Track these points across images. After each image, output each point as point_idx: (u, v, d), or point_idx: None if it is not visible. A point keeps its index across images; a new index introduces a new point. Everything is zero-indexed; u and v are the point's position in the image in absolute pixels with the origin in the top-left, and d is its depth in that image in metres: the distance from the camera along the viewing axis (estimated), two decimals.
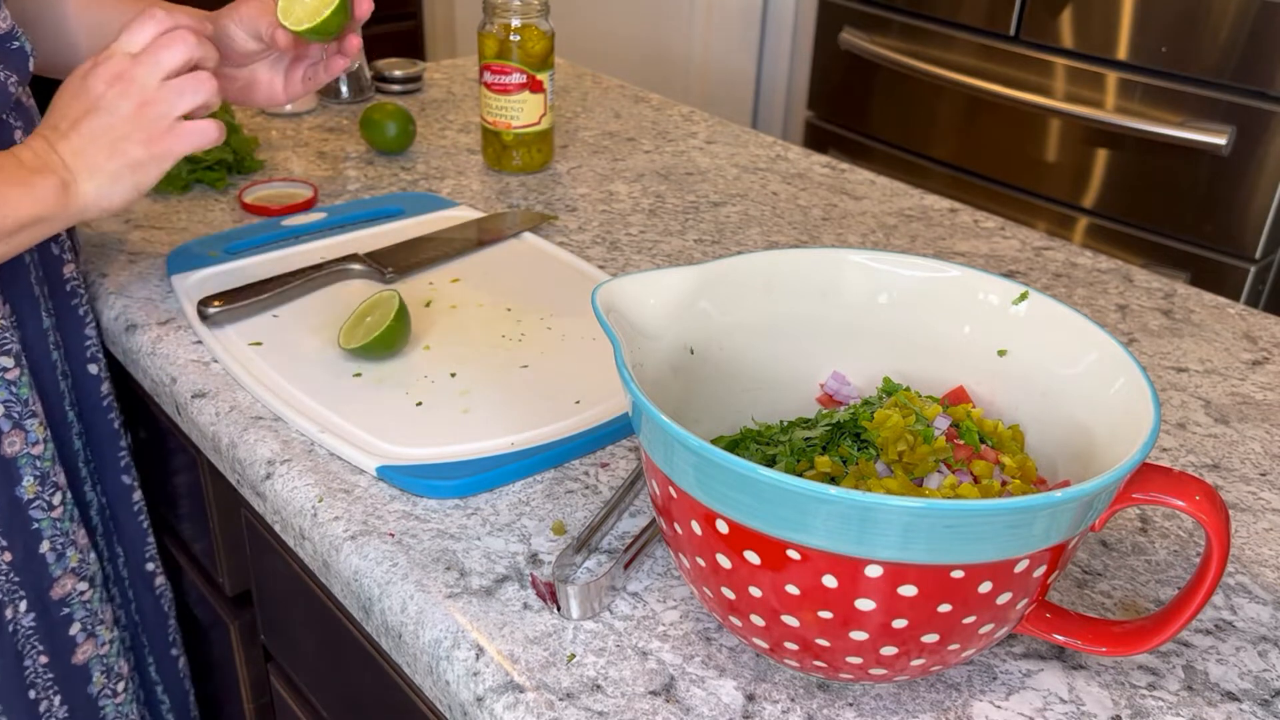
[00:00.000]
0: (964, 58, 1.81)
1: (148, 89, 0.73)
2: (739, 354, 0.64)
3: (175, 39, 0.73)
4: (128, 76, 0.72)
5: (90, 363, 0.89)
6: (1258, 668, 0.58)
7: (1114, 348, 0.56)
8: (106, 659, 0.89)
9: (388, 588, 0.61)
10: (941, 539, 0.44)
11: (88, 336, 0.88)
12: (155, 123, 0.73)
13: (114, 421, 0.92)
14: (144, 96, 0.73)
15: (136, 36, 0.73)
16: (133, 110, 0.72)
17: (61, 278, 0.86)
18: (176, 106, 0.73)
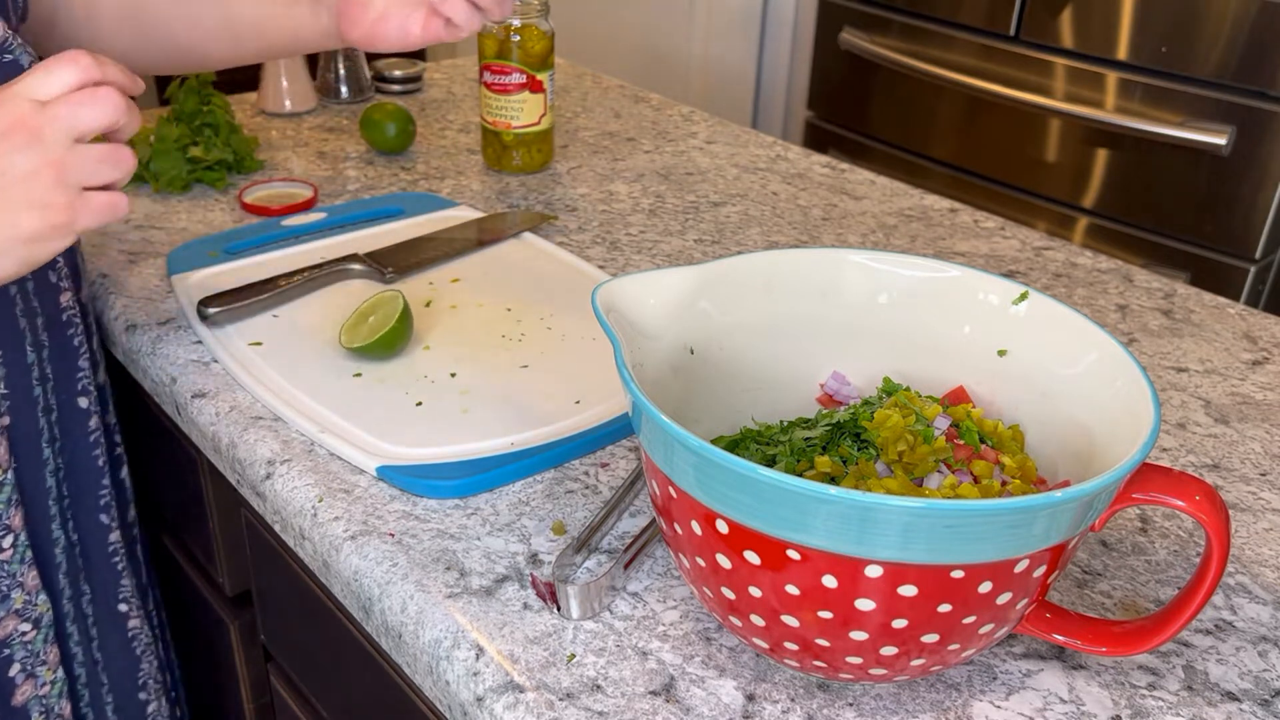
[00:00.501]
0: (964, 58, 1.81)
1: (55, 149, 0.59)
2: (739, 354, 0.64)
3: (101, 97, 0.61)
4: (32, 129, 0.59)
5: (81, 396, 0.83)
6: (1258, 668, 0.58)
7: (1114, 348, 0.56)
8: (46, 700, 0.83)
9: (388, 588, 0.61)
10: (941, 539, 0.44)
11: (80, 369, 0.82)
12: (58, 191, 0.60)
13: (98, 459, 0.85)
14: (50, 157, 0.59)
15: (51, 81, 0.60)
16: (32, 171, 0.59)
17: (57, 306, 0.80)
18: (88, 178, 0.61)
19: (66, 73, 0.60)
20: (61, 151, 0.60)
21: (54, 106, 0.60)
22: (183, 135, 1.08)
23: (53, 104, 0.60)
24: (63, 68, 0.60)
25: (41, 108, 0.59)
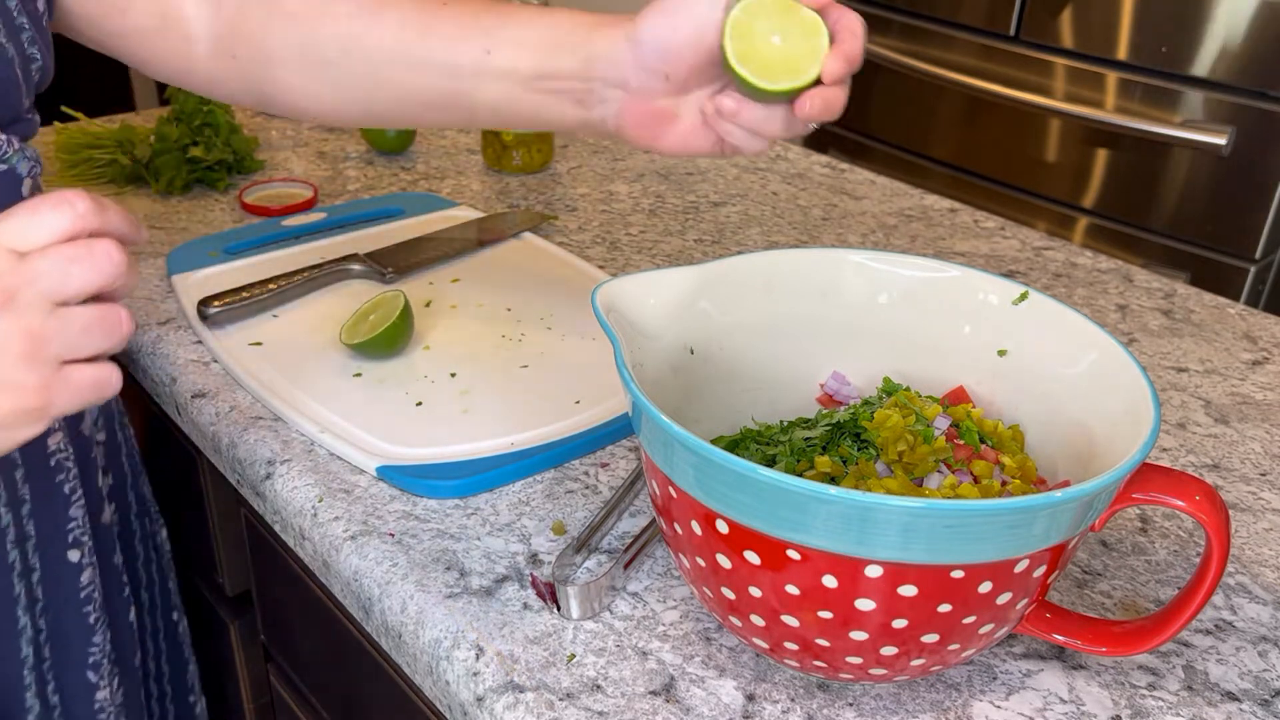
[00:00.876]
0: (964, 58, 1.81)
1: (32, 315, 0.47)
2: (739, 354, 0.64)
3: (97, 253, 0.48)
4: (5, 289, 0.47)
5: (71, 549, 0.72)
6: (1258, 668, 0.58)
7: (1114, 348, 0.56)
8: None
9: (388, 588, 0.61)
10: (941, 539, 0.44)
11: (71, 519, 0.71)
12: (31, 369, 0.48)
13: (90, 615, 0.75)
14: (24, 325, 0.47)
15: (37, 227, 0.48)
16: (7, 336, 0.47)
17: (43, 452, 0.69)
18: (70, 350, 0.49)
19: (57, 219, 0.48)
20: (40, 318, 0.47)
21: (36, 261, 0.47)
22: (183, 135, 1.08)
23: (35, 258, 0.47)
24: (53, 212, 0.48)
25: (20, 262, 0.47)
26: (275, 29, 0.68)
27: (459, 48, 0.66)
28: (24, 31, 0.62)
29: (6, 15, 0.60)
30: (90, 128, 1.12)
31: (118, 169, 1.08)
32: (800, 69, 0.58)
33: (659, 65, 0.61)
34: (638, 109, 0.64)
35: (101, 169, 1.08)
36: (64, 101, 1.16)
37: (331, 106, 0.71)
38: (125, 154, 1.08)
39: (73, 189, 0.49)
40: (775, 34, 0.58)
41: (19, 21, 0.62)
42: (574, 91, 0.65)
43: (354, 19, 0.67)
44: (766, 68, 0.58)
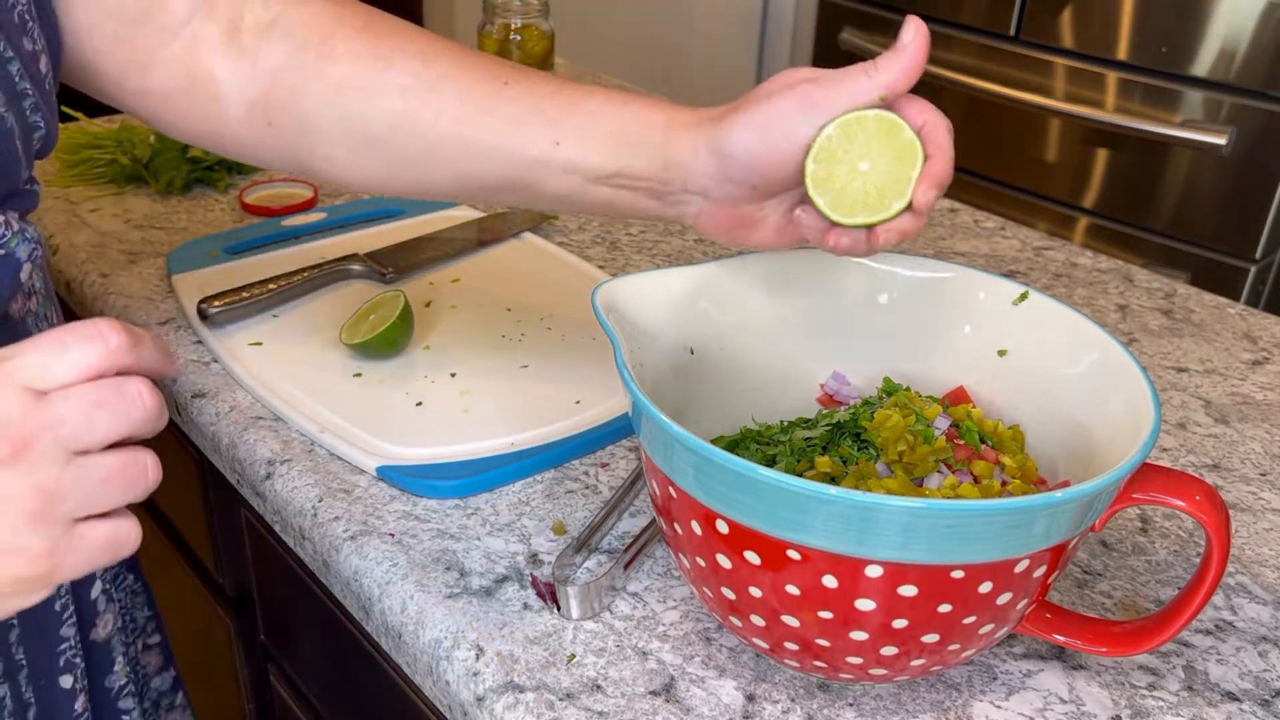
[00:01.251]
0: (964, 58, 1.81)
1: (46, 469, 0.41)
2: (739, 354, 0.64)
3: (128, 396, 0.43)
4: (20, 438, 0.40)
5: (64, 674, 0.64)
6: (1258, 668, 0.58)
7: (1114, 348, 0.56)
8: None
9: (388, 588, 0.61)
10: (941, 539, 0.44)
11: (63, 639, 0.64)
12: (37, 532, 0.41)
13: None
14: (37, 481, 0.41)
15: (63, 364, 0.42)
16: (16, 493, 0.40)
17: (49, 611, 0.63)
18: (88, 506, 0.43)
19: (85, 354, 0.42)
20: (54, 472, 0.41)
21: (58, 405, 0.41)
22: None
23: (57, 400, 0.41)
24: (81, 346, 0.42)
25: (40, 404, 0.41)
26: (316, 97, 0.62)
27: (523, 134, 0.60)
28: (27, 98, 0.55)
29: (8, 82, 0.53)
30: (90, 128, 1.12)
31: (118, 169, 1.08)
32: (882, 202, 0.55)
33: (746, 178, 0.57)
34: (720, 215, 0.60)
35: (101, 169, 1.08)
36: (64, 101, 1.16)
37: (379, 182, 0.65)
38: (125, 154, 1.07)
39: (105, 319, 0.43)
40: (865, 159, 0.54)
41: (21, 87, 0.55)
42: (650, 191, 0.60)
43: (408, 93, 0.61)
44: (844, 197, 0.55)
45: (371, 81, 0.62)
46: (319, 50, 0.62)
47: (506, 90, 0.61)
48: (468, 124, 0.61)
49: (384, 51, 0.62)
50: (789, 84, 0.56)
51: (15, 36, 0.54)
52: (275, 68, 0.63)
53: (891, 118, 0.54)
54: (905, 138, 0.54)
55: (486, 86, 0.61)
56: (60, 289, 0.96)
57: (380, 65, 0.62)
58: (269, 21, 0.63)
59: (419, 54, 0.62)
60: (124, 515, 0.44)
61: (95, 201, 1.04)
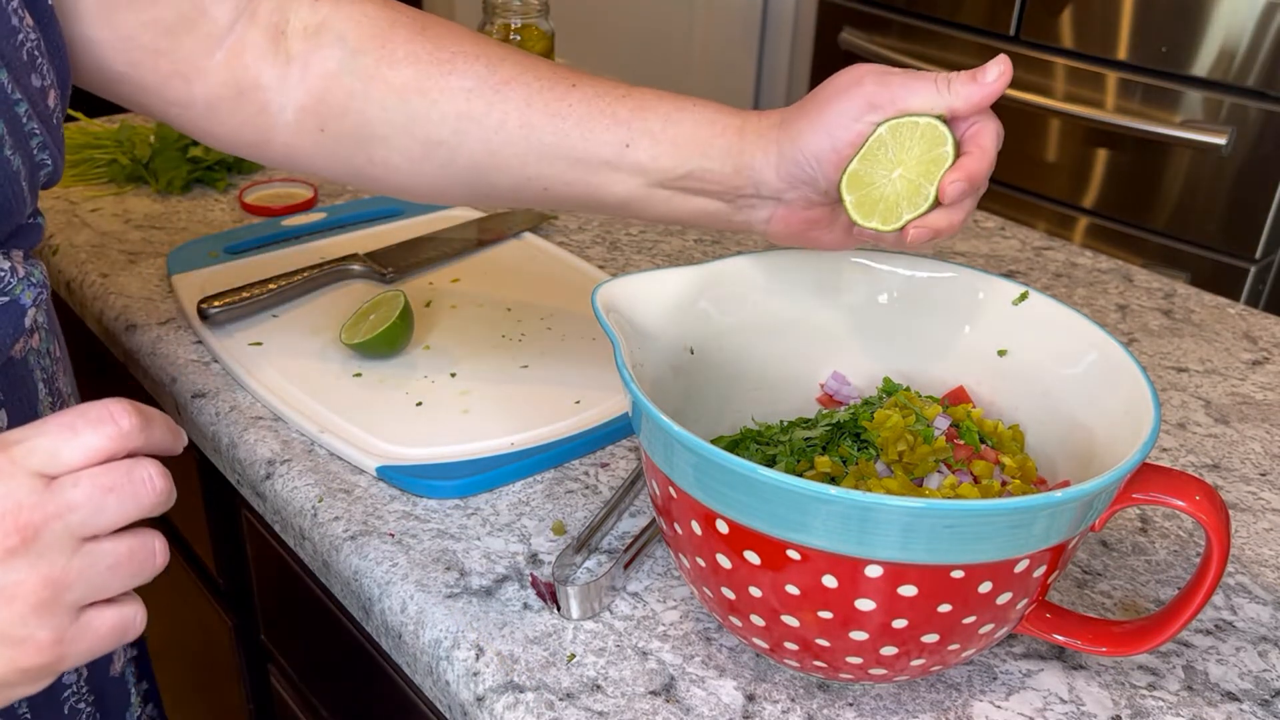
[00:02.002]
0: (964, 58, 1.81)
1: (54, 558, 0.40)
2: (739, 354, 0.64)
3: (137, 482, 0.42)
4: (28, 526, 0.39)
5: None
6: (1258, 668, 0.58)
7: (1114, 348, 0.56)
8: None
9: (388, 588, 0.61)
10: (941, 539, 0.44)
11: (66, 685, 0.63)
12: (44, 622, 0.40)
13: None
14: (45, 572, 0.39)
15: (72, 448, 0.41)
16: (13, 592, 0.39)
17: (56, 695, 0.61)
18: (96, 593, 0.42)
19: (96, 438, 0.41)
20: (63, 561, 0.40)
21: (67, 491, 0.40)
22: (183, 135, 1.08)
23: (66, 486, 0.40)
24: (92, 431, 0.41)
25: (49, 491, 0.40)
26: (378, 102, 0.61)
27: (593, 136, 0.59)
28: (34, 138, 0.54)
29: (15, 124, 0.52)
30: (90, 128, 1.12)
31: (118, 169, 1.08)
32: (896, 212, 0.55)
33: (814, 175, 0.57)
34: (793, 218, 0.60)
35: (101, 169, 1.08)
36: None
37: (438, 188, 0.64)
38: (125, 154, 1.08)
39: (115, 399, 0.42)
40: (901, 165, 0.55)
41: (29, 128, 0.53)
42: (718, 195, 0.60)
43: (473, 97, 0.60)
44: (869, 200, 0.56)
45: (435, 85, 0.60)
46: (378, 54, 0.61)
47: (575, 93, 0.60)
48: (536, 127, 0.59)
49: (445, 55, 0.61)
50: (856, 80, 0.56)
51: (24, 75, 0.52)
52: (329, 73, 0.61)
53: (940, 129, 0.55)
54: (942, 151, 0.55)
55: (554, 90, 0.60)
56: (60, 289, 0.96)
57: (443, 69, 0.60)
58: (317, 25, 0.61)
59: (481, 56, 0.61)
60: (130, 599, 0.43)
61: (95, 201, 1.04)
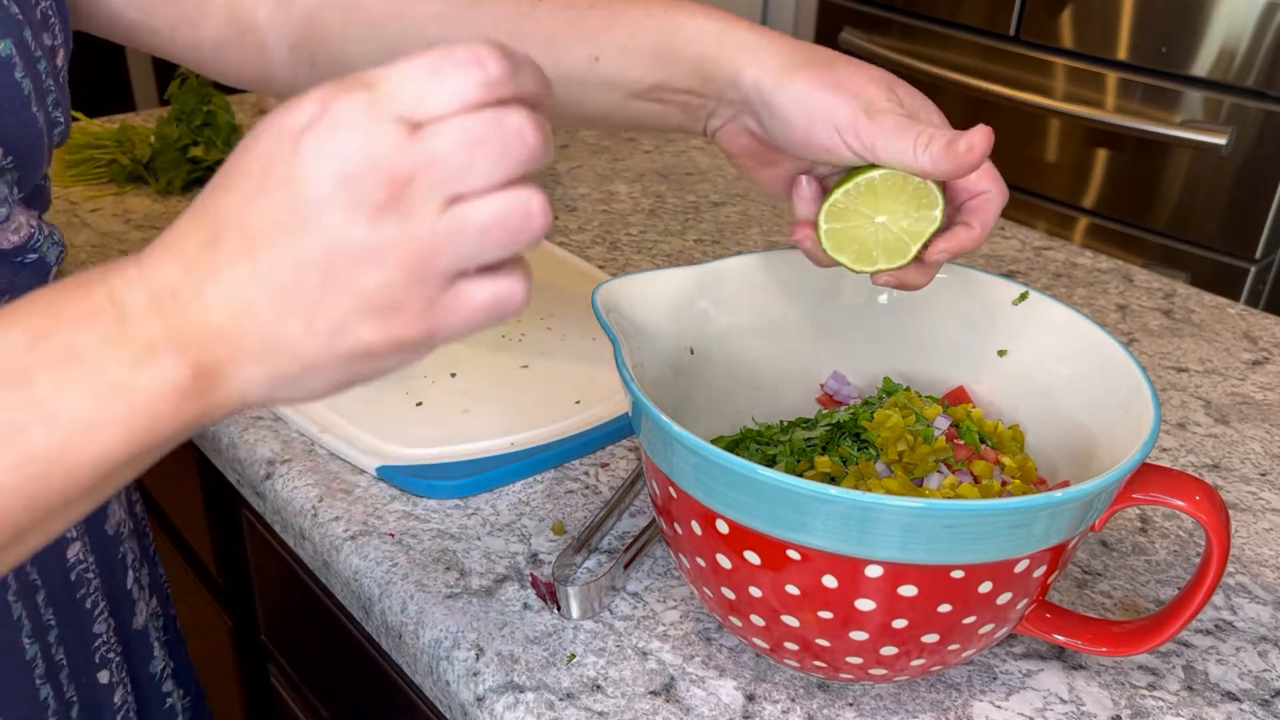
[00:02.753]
0: (964, 58, 1.81)
1: (423, 217, 0.35)
2: (739, 354, 0.64)
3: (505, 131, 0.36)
4: (398, 179, 0.35)
5: (100, 669, 0.65)
6: (1258, 668, 0.58)
7: (1114, 348, 0.56)
8: None
9: (388, 588, 0.61)
10: (941, 539, 0.44)
11: (96, 635, 0.64)
12: (415, 290, 0.36)
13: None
14: (413, 232, 0.35)
15: (437, 93, 0.35)
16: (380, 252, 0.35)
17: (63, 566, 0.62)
18: (467, 260, 0.37)
19: (464, 84, 0.35)
20: (430, 221, 0.35)
21: (431, 141, 0.35)
22: (183, 135, 1.08)
23: (430, 136, 0.35)
24: (460, 74, 0.35)
25: (413, 139, 0.35)
26: (354, 34, 0.62)
27: (561, 54, 0.58)
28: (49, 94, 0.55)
29: (38, 81, 0.54)
30: (90, 128, 1.12)
31: (118, 169, 1.08)
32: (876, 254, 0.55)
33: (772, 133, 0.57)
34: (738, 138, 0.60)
35: (101, 169, 1.08)
36: None
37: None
38: (125, 154, 1.07)
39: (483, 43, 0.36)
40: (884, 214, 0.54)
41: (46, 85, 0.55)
42: (684, 105, 0.59)
43: (441, 20, 0.61)
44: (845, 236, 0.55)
45: (406, 12, 0.61)
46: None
47: (542, 8, 0.60)
48: None
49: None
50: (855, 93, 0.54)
51: (39, 34, 0.55)
52: (311, 8, 0.63)
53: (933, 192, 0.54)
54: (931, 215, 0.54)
55: (521, 6, 0.60)
56: None
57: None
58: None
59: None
60: (509, 272, 0.38)
61: (95, 201, 1.04)
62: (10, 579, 0.56)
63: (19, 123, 0.52)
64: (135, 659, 0.71)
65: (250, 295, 0.35)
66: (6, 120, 0.52)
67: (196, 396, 0.36)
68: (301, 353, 0.36)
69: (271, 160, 0.35)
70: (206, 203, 0.37)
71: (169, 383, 0.35)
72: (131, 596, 0.69)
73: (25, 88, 0.53)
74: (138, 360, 0.35)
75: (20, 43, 0.52)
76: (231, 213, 0.36)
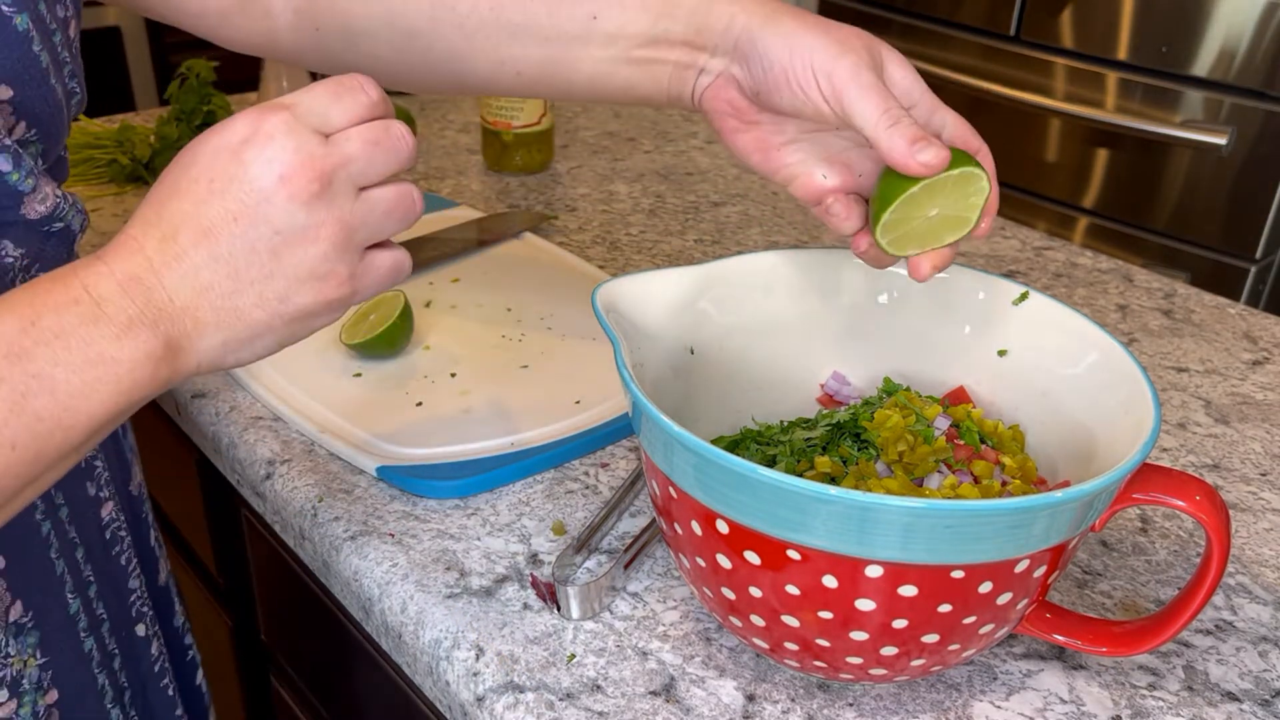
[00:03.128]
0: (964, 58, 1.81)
1: (344, 202, 0.47)
2: (739, 354, 0.64)
3: (394, 136, 0.48)
4: (322, 172, 0.46)
5: (137, 623, 0.68)
6: (1258, 668, 0.58)
7: (1114, 348, 0.56)
8: None
9: (388, 588, 0.61)
10: (941, 539, 0.44)
11: (132, 590, 0.67)
12: (343, 257, 0.47)
13: (168, 688, 0.72)
14: (338, 213, 0.46)
15: (341, 109, 0.47)
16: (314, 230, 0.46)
17: (99, 525, 0.64)
18: (375, 234, 0.49)
19: (355, 103, 0.47)
20: (349, 204, 0.47)
21: (344, 145, 0.46)
22: (183, 135, 1.08)
23: (341, 141, 0.47)
24: (351, 95, 0.47)
25: (328, 144, 0.46)
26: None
27: (561, 11, 0.61)
28: (66, 65, 0.56)
29: (54, 53, 0.55)
30: (90, 128, 1.12)
31: (118, 169, 1.08)
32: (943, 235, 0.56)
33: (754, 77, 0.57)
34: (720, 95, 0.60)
35: (101, 169, 1.08)
36: None
37: (423, 80, 0.68)
38: (125, 154, 1.08)
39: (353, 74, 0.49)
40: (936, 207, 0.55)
41: (62, 56, 0.56)
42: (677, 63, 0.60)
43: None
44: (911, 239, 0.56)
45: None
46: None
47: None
48: (504, 7, 0.61)
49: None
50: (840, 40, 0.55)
51: (53, 7, 0.55)
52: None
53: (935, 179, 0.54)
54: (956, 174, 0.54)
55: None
56: None
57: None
58: None
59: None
60: (397, 246, 0.51)
61: (95, 201, 1.04)
62: (52, 537, 0.60)
63: (40, 96, 0.53)
64: (162, 613, 0.74)
65: (208, 276, 0.45)
66: (29, 94, 0.52)
67: (167, 363, 0.45)
68: (253, 319, 0.46)
69: (216, 170, 0.45)
70: (154, 210, 0.45)
71: (145, 352, 0.44)
72: (155, 554, 0.73)
73: (44, 60, 0.53)
74: (118, 335, 0.43)
75: (36, 16, 0.53)
76: (185, 213, 0.45)
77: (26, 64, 0.52)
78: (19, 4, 0.51)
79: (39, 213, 0.54)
